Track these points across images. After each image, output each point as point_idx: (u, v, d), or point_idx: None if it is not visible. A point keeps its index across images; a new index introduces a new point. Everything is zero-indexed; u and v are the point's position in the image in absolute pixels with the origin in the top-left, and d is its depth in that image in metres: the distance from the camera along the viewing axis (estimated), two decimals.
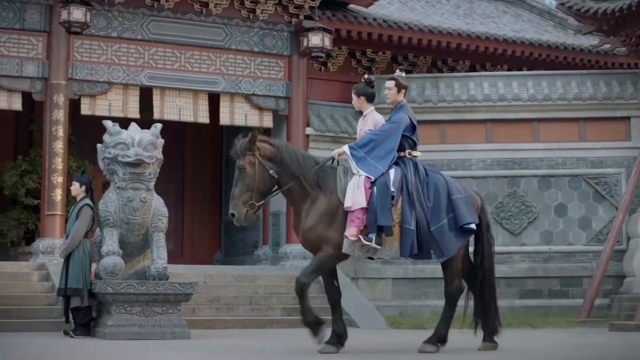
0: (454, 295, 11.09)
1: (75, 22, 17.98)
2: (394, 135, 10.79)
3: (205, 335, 14.08)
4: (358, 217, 10.40)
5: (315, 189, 10.73)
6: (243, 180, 10.76)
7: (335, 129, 21.12)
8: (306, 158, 10.98)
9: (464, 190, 11.04)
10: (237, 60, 20.48)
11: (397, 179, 10.65)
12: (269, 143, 10.93)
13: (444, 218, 10.68)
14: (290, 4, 20.77)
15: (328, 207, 10.63)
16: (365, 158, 10.66)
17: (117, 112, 19.28)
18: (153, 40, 19.84)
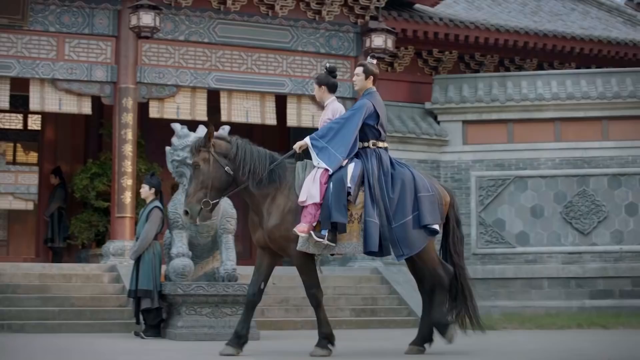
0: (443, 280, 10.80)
1: (144, 26, 18.14)
2: (352, 121, 10.44)
3: (275, 336, 14.12)
4: (310, 213, 10.11)
5: (271, 186, 10.48)
6: (197, 177, 10.50)
7: (402, 129, 21.06)
8: (262, 155, 10.64)
9: (432, 188, 10.62)
10: (304, 61, 20.52)
11: (356, 174, 10.28)
12: (225, 140, 10.73)
13: (408, 215, 10.32)
14: (356, 5, 20.76)
15: (289, 205, 10.39)
16: (327, 147, 10.34)
17: (185, 115, 19.42)
18: (220, 43, 19.94)
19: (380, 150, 10.61)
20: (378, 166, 10.42)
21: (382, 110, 10.74)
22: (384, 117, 10.80)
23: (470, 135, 21.62)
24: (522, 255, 20.93)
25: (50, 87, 18.76)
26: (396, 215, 10.28)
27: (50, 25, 18.85)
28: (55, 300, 15.87)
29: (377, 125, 10.62)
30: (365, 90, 10.87)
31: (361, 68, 10.91)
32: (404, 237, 10.28)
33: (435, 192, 10.62)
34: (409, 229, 10.29)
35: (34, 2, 18.66)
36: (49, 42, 18.84)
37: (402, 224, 10.27)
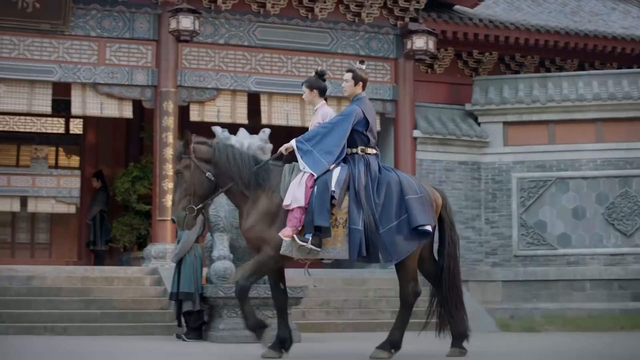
0: (408, 298, 10.68)
1: (184, 30, 18.22)
2: (341, 127, 10.26)
3: (316, 338, 14.13)
4: (295, 217, 10.01)
5: (255, 188, 10.40)
6: (181, 185, 10.51)
7: (442, 131, 21.01)
8: (245, 158, 10.59)
9: (421, 190, 10.38)
10: (343, 64, 20.49)
11: (341, 179, 10.11)
12: (206, 144, 10.66)
13: (395, 219, 10.14)
14: (396, 7, 20.74)
15: (269, 207, 10.30)
16: (312, 151, 10.20)
17: (226, 118, 19.49)
18: (260, 46, 20.00)
19: (369, 156, 10.43)
20: (365, 172, 10.26)
21: (371, 116, 10.56)
22: (374, 123, 10.63)
23: (510, 137, 21.52)
24: (564, 257, 20.79)
25: (91, 91, 18.90)
26: (382, 221, 10.12)
27: (92, 30, 18.99)
28: (97, 303, 15.98)
29: (366, 132, 10.43)
30: (355, 96, 10.69)
31: (350, 74, 10.76)
32: (391, 242, 10.12)
33: (424, 193, 10.41)
34: (396, 234, 10.12)
35: (75, 8, 18.81)
36: (90, 46, 18.98)
37: (388, 228, 10.10)
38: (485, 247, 21.07)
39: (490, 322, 17.62)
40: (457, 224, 20.10)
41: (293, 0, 20.22)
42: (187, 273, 13.98)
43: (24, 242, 26.68)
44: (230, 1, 19.76)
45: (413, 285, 10.60)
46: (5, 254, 24.53)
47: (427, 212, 10.30)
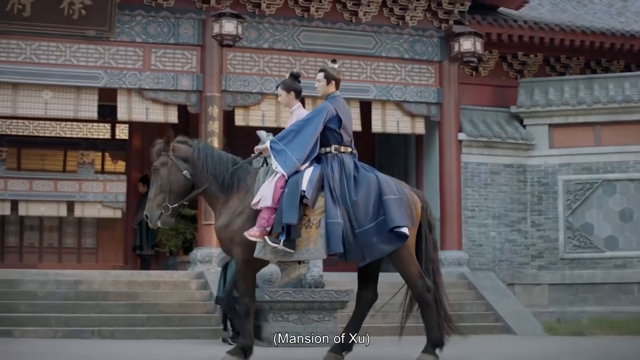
0: (423, 295, 10.43)
1: (227, 35, 18.28)
2: (312, 124, 10.14)
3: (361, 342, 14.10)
4: (264, 217, 9.90)
5: (230, 190, 10.38)
6: (157, 182, 10.54)
7: (487, 134, 20.91)
8: (224, 159, 10.56)
9: (399, 191, 10.18)
10: (388, 67, 20.49)
11: (313, 178, 9.98)
12: (187, 144, 10.68)
13: (372, 220, 9.94)
14: (440, 10, 20.68)
15: (242, 208, 10.25)
16: (284, 150, 10.05)
17: (271, 122, 19.52)
18: (304, 50, 20.03)
19: (343, 155, 10.31)
20: (340, 170, 10.12)
21: (345, 115, 10.44)
22: (348, 121, 10.49)
23: (556, 139, 21.38)
24: (611, 259, 20.61)
25: (137, 96, 19.02)
26: (360, 220, 9.93)
27: (137, 36, 19.12)
28: (143, 307, 16.07)
29: (339, 129, 10.30)
30: (328, 95, 10.60)
31: (322, 73, 10.66)
32: (367, 243, 9.93)
33: (402, 195, 10.21)
34: (373, 235, 9.93)
35: (120, 14, 18.95)
36: (135, 52, 19.10)
37: (365, 229, 9.92)
38: (531, 250, 20.95)
39: (536, 325, 17.51)
40: (502, 226, 20.32)
41: (337, 4, 20.24)
42: (232, 277, 14.03)
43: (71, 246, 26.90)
44: (274, 6, 19.81)
45: (422, 282, 10.39)
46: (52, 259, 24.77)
47: (404, 214, 10.07)
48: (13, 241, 28.75)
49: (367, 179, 10.16)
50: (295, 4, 19.98)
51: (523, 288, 20.20)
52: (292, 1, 19.96)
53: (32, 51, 18.64)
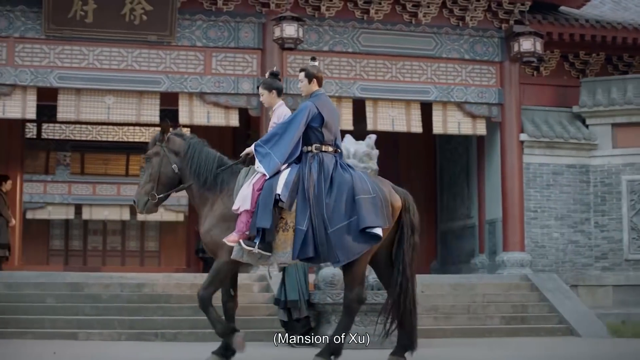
0: (352, 304, 10.01)
1: (288, 38, 18.35)
2: (294, 125, 10.03)
3: (424, 344, 14.03)
4: (242, 221, 9.86)
5: (213, 191, 10.37)
6: (148, 170, 10.65)
7: (549, 134, 20.74)
8: (211, 158, 10.57)
9: (375, 190, 9.87)
10: (448, 68, 20.42)
11: (290, 180, 9.86)
12: (182, 137, 10.74)
13: (344, 220, 9.70)
14: (500, 10, 20.57)
15: (225, 211, 10.20)
16: (269, 154, 9.99)
17: None
18: (364, 52, 20.02)
19: (324, 154, 10.10)
20: (318, 171, 9.94)
21: (328, 113, 10.25)
22: (332, 119, 10.28)
23: (620, 139, 21.14)
24: None
25: (198, 100, 19.15)
26: (332, 221, 9.71)
27: (198, 40, 19.25)
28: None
29: (320, 128, 10.12)
30: (312, 93, 10.46)
31: (303, 73, 10.51)
32: (340, 243, 9.70)
33: (378, 194, 9.90)
34: (345, 235, 9.70)
35: (181, 19, 19.10)
36: (196, 56, 19.24)
37: (337, 229, 9.70)
38: (594, 251, 20.73)
39: (601, 327, 17.33)
40: (565, 227, 20.14)
41: (396, 6, 20.21)
42: (290, 282, 14.07)
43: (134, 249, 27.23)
44: (334, 8, 19.84)
45: (357, 291, 10.02)
46: (115, 262, 25.06)
47: (379, 214, 9.82)
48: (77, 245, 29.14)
49: (341, 178, 9.95)
50: (355, 6, 19.99)
51: (587, 290, 20.01)
52: (351, 3, 19.98)
53: (94, 57, 18.86)
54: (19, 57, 18.63)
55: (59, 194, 28.37)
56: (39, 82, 18.59)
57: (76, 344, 14.00)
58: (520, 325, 17.00)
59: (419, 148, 24.47)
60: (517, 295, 18.33)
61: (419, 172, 24.71)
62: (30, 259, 26.03)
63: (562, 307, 17.61)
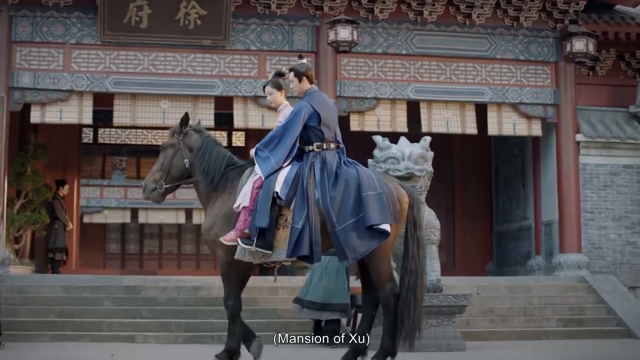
0: (388, 301, 9.95)
1: (342, 41, 18.36)
2: (290, 127, 9.99)
3: (481, 347, 14.02)
4: (240, 220, 9.88)
5: (216, 190, 10.41)
6: (161, 159, 10.78)
7: (606, 134, 20.55)
8: (220, 158, 10.60)
9: (381, 186, 9.80)
10: (503, 69, 20.31)
11: (289, 178, 9.84)
12: (199, 134, 10.79)
13: (350, 217, 9.64)
14: (555, 10, 20.41)
15: (225, 209, 10.21)
16: (269, 157, 10.00)
17: (386, 127, 19.52)
18: (418, 54, 19.98)
19: (326, 152, 10.08)
20: (321, 169, 9.90)
21: (325, 110, 10.19)
22: (329, 115, 10.23)
23: None
24: None
25: (252, 104, 19.21)
26: (339, 219, 9.68)
27: (252, 44, 19.33)
28: (262, 312, 16.19)
29: (319, 126, 10.09)
30: (306, 91, 10.38)
31: (292, 73, 10.44)
32: (346, 241, 9.62)
33: (384, 190, 9.83)
34: (352, 232, 9.65)
35: (235, 23, 19.19)
36: (250, 60, 19.32)
37: (344, 227, 9.63)
38: None
39: None
40: (623, 229, 19.95)
41: (450, 7, 20.15)
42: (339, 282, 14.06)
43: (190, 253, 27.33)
44: (387, 10, 19.82)
45: (390, 286, 9.99)
46: (171, 265, 25.17)
47: (385, 211, 9.75)
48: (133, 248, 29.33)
49: (347, 175, 9.91)
50: (409, 8, 19.95)
51: None
52: (405, 5, 19.94)
53: (149, 62, 19.02)
54: (75, 63, 18.84)
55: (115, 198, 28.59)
56: (95, 87, 18.79)
57: (133, 346, 14.12)
58: (577, 327, 16.85)
59: (474, 149, 24.37)
60: (574, 298, 18.18)
61: (473, 173, 24.62)
62: (87, 262, 26.21)
63: (620, 309, 17.44)
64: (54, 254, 21.29)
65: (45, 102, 18.73)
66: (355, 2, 19.70)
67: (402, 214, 10.04)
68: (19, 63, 18.72)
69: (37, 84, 18.63)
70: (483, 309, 16.92)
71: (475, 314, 16.58)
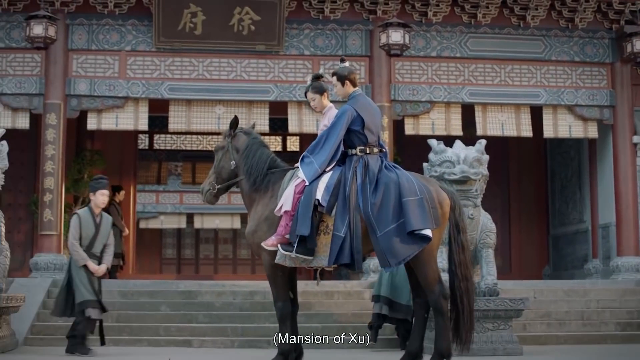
0: (438, 303, 9.97)
1: (394, 44, 18.33)
2: (334, 132, 10.07)
3: (538, 351, 13.91)
4: (282, 225, 9.91)
5: (258, 192, 10.51)
6: (214, 162, 11.06)
7: None
8: (263, 159, 10.71)
9: (422, 191, 9.83)
10: (558, 71, 20.16)
11: (331, 184, 9.90)
12: (247, 135, 10.94)
13: (391, 223, 9.66)
14: (610, 10, 20.21)
15: (266, 213, 10.27)
16: (312, 162, 10.08)
17: (440, 130, 19.47)
18: (472, 57, 19.90)
19: (369, 156, 10.11)
20: (363, 174, 9.92)
21: (368, 114, 10.22)
22: (373, 119, 10.27)
23: None
24: None
25: (307, 109, 19.23)
26: (380, 224, 9.70)
27: (305, 49, 19.38)
28: (318, 316, 16.19)
29: (362, 130, 10.14)
30: (349, 95, 10.45)
31: (334, 77, 10.54)
32: (388, 247, 9.66)
33: (425, 195, 9.88)
34: (393, 238, 9.65)
35: (288, 28, 19.25)
36: (304, 65, 19.36)
37: (386, 232, 9.66)
38: None
39: None
40: None
41: (504, 9, 20.04)
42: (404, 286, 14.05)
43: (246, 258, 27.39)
44: (441, 13, 19.76)
45: (439, 288, 10.02)
46: (227, 270, 25.25)
47: (426, 216, 9.78)
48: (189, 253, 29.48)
49: (387, 179, 9.93)
50: (462, 10, 19.88)
51: None
52: (458, 8, 19.88)
53: (204, 68, 19.13)
54: (131, 69, 19.01)
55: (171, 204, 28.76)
56: (151, 94, 18.94)
57: (190, 351, 14.19)
58: (636, 331, 16.65)
59: (529, 152, 24.22)
60: (633, 301, 17.96)
61: (529, 176, 24.46)
62: (143, 267, 26.42)
63: None
64: None
65: (101, 109, 18.92)
66: (408, 6, 19.67)
67: (443, 218, 10.11)
68: (76, 71, 18.93)
69: (93, 91, 18.82)
70: (540, 312, 16.79)
71: (532, 318, 16.47)
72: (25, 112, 18.84)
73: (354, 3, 19.57)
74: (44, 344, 14.60)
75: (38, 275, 17.88)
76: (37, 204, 19.15)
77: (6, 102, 18.71)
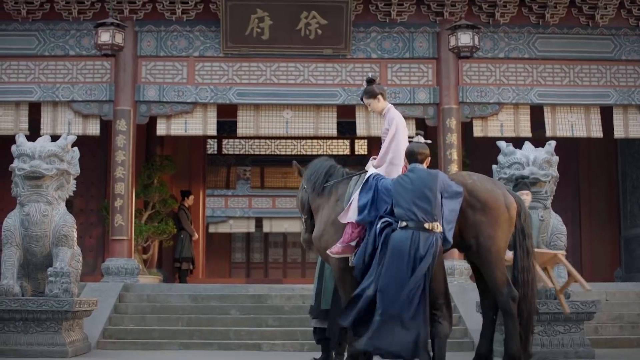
0: (507, 305, 9.94)
1: (463, 47, 18.25)
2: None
3: (610, 354, 13.77)
4: (347, 232, 9.88)
5: (323, 197, 10.48)
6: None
7: None
8: (324, 166, 10.82)
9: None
10: (628, 70, 19.91)
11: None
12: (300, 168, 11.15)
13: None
14: None
15: (332, 217, 10.21)
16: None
17: (509, 132, 19.34)
18: (540, 57, 19.74)
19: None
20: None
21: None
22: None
23: None
24: None
25: None
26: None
27: (372, 52, 19.37)
28: None
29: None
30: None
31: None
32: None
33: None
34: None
35: (355, 31, 19.26)
36: (371, 68, 19.34)
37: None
38: None
39: None
40: None
41: (572, 9, 19.86)
42: None
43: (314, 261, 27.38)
44: (508, 14, 19.64)
45: (508, 290, 9.98)
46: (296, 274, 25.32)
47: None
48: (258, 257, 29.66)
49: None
50: (530, 11, 19.74)
51: None
52: (526, 9, 19.74)
53: (271, 72, 19.21)
54: (199, 75, 19.15)
55: (240, 208, 28.95)
56: (219, 99, 19.06)
57: (260, 354, 14.26)
58: None
59: (599, 153, 23.94)
60: None
61: (600, 177, 24.17)
62: (213, 271, 26.61)
63: None
64: (181, 263, 21.67)
65: (170, 114, 19.09)
66: (475, 7, 19.59)
67: (510, 221, 10.12)
68: (145, 77, 19.13)
69: (162, 97, 19.00)
70: (612, 315, 16.60)
71: (604, 320, 16.29)
72: (96, 118, 19.08)
73: (421, 5, 19.53)
74: (116, 348, 14.77)
75: (109, 279, 18.08)
76: (108, 209, 19.37)
77: (77, 109, 18.97)
